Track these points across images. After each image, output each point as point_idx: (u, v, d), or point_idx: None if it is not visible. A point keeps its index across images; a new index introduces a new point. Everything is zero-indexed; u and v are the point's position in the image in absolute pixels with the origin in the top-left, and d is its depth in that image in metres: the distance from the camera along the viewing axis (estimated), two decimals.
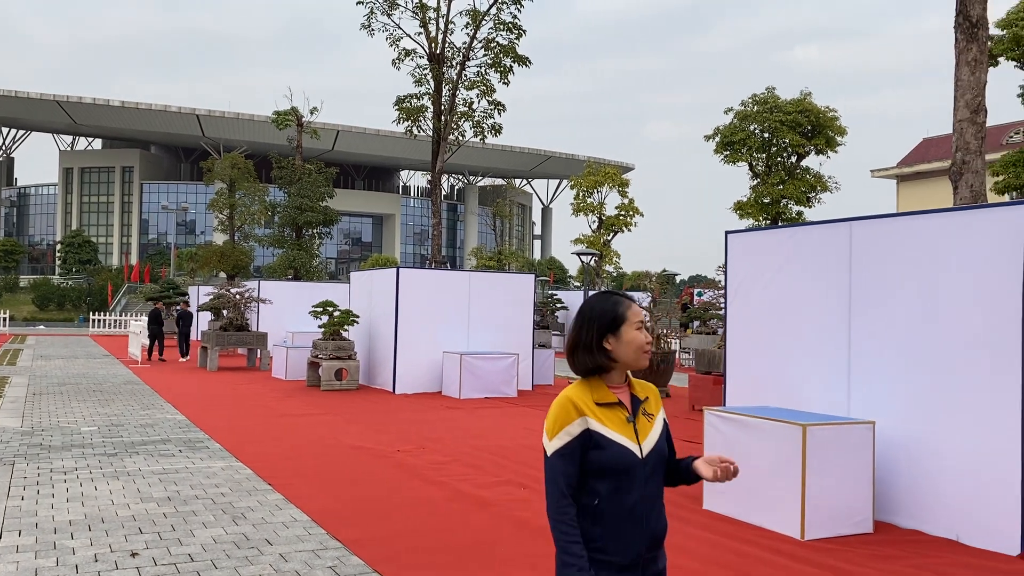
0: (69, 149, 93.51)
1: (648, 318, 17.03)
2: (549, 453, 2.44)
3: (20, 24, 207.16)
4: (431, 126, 23.92)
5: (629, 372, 2.59)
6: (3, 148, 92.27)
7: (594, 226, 36.46)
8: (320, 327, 17.40)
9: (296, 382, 18.04)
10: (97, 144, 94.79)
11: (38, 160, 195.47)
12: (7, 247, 73.26)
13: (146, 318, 24.45)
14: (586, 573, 2.34)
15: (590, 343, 2.50)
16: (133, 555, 5.46)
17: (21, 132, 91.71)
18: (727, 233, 8.70)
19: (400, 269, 16.51)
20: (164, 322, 24.69)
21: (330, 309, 17.31)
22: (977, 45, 8.72)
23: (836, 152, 28.21)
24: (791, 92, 28.75)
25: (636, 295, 20.23)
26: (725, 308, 8.71)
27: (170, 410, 13.02)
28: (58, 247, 76.83)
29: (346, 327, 17.23)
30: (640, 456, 2.45)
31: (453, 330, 16.74)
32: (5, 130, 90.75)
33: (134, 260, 76.28)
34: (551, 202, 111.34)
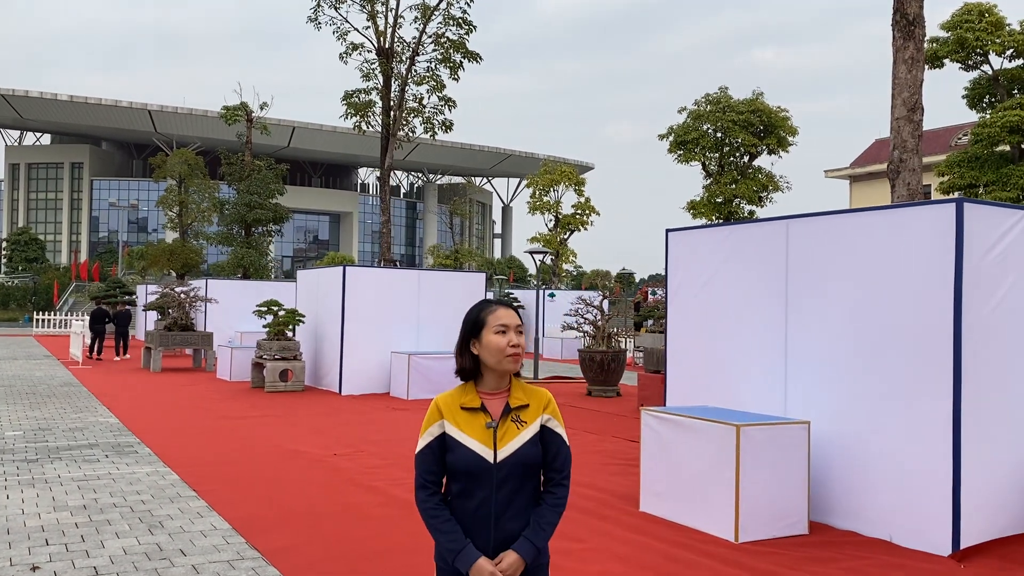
0: (17, 144, 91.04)
1: (600, 318, 16.95)
2: (416, 452, 2.62)
3: None
4: (380, 122, 23.59)
5: (515, 378, 2.67)
6: None
7: (550, 225, 36.37)
8: (264, 327, 17.03)
9: (240, 383, 17.63)
10: (46, 139, 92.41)
11: None
12: None
13: (88, 317, 24.37)
14: (461, 542, 2.50)
15: (458, 347, 2.67)
16: (33, 569, 5.16)
17: None
18: (668, 231, 8.60)
19: (347, 267, 16.20)
20: (108, 321, 24.31)
21: (275, 308, 16.93)
22: (914, 43, 8.73)
23: (788, 152, 28.47)
24: (748, 94, 28.89)
25: (588, 294, 20.14)
26: (665, 307, 8.62)
27: (104, 413, 12.59)
28: (3, 245, 74.71)
29: (291, 327, 16.88)
30: (492, 461, 2.52)
31: (402, 330, 16.49)
32: None
33: (84, 258, 74.52)
34: (511, 201, 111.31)
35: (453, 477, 2.57)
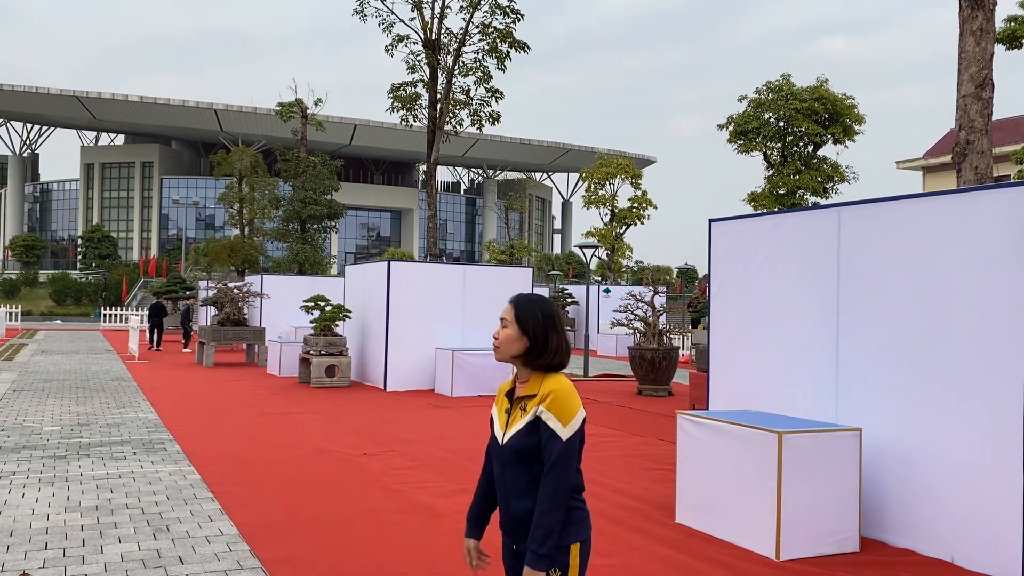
0: (93, 144, 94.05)
1: (650, 314, 16.37)
2: None
3: (44, 22, 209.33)
4: (427, 115, 23.31)
5: (536, 370, 2.74)
6: (27, 144, 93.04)
7: (606, 219, 35.65)
8: (311, 322, 16.93)
9: (288, 379, 17.59)
10: (120, 140, 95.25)
11: (63, 156, 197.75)
12: (28, 242, 73.81)
13: (146, 311, 25.63)
14: (470, 518, 2.89)
15: None
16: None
17: (45, 128, 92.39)
18: (710, 221, 8.05)
19: (391, 262, 15.96)
20: (167, 315, 25.36)
21: (321, 304, 16.82)
22: (983, 12, 7.93)
23: (854, 141, 27.19)
24: (813, 80, 27.74)
25: (639, 290, 19.55)
26: (709, 303, 8.07)
27: (146, 409, 12.57)
28: (79, 242, 77.25)
29: (337, 322, 16.73)
30: (500, 443, 2.74)
31: (447, 326, 16.18)
32: (29, 126, 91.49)
33: (153, 255, 76.54)
34: (571, 196, 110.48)
35: None
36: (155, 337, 25.49)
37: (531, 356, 2.68)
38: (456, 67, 23.00)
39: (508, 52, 22.87)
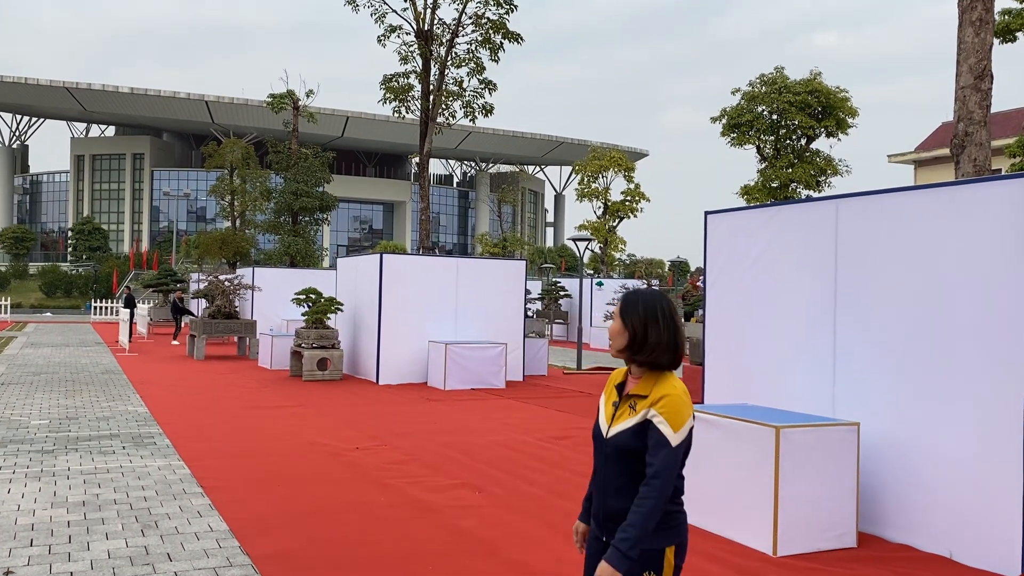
0: (83, 136, 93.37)
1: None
2: None
3: (35, 12, 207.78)
4: (419, 106, 23.18)
5: (652, 369, 2.71)
6: (16, 135, 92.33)
7: (599, 212, 35.55)
8: (303, 315, 16.81)
9: (280, 372, 17.48)
10: (110, 132, 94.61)
11: (53, 147, 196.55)
12: (17, 234, 73.29)
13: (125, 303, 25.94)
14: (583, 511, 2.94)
15: None
16: (7, 573, 4.84)
17: (35, 119, 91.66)
18: (707, 213, 7.97)
19: (384, 255, 15.85)
20: (135, 304, 25.69)
21: (313, 296, 16.70)
22: (983, 3, 7.87)
23: (847, 134, 27.17)
24: (805, 74, 27.70)
25: (631, 283, 19.49)
26: (704, 295, 8.00)
27: (135, 402, 12.45)
28: (69, 234, 76.76)
29: (329, 315, 16.62)
30: (604, 436, 2.73)
31: (440, 319, 16.09)
32: (18, 117, 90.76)
33: (145, 247, 76.13)
34: (563, 189, 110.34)
35: None
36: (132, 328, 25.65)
37: (632, 351, 2.65)
38: (449, 58, 22.83)
39: (501, 43, 22.68)
